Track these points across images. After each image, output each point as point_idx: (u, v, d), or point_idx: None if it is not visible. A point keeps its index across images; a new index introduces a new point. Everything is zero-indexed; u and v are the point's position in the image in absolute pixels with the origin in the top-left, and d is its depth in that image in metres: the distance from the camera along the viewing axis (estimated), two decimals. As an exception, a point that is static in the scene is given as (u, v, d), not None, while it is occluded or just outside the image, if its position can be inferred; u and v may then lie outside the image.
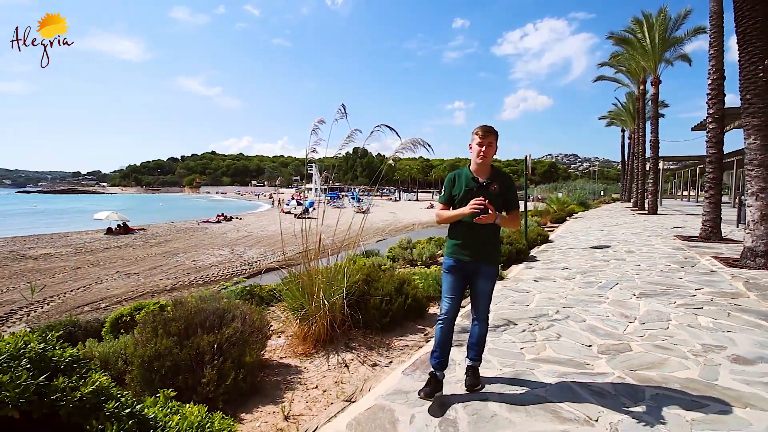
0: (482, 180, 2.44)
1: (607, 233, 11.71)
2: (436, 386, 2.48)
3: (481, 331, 2.56)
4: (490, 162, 2.47)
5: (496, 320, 4.00)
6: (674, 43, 19.86)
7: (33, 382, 1.40)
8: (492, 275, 2.51)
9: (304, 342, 3.87)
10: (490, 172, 2.48)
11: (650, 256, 7.41)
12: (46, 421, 1.42)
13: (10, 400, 1.33)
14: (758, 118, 6.17)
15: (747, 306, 4.16)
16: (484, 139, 2.40)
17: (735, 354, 2.94)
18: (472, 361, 2.62)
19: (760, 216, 6.22)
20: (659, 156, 21.45)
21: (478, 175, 2.46)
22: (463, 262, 2.46)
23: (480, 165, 2.45)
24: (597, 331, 3.55)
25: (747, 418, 2.12)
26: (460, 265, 2.48)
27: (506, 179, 2.51)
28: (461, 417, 2.25)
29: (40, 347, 1.55)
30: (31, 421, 1.40)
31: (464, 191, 2.43)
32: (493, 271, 2.52)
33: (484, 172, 2.47)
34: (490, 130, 2.42)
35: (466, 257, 2.45)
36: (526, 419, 2.20)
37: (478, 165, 2.46)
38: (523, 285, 5.58)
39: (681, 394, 2.40)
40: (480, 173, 2.47)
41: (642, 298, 4.58)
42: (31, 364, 1.48)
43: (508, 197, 2.47)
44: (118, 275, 12.73)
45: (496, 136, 2.45)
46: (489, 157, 2.43)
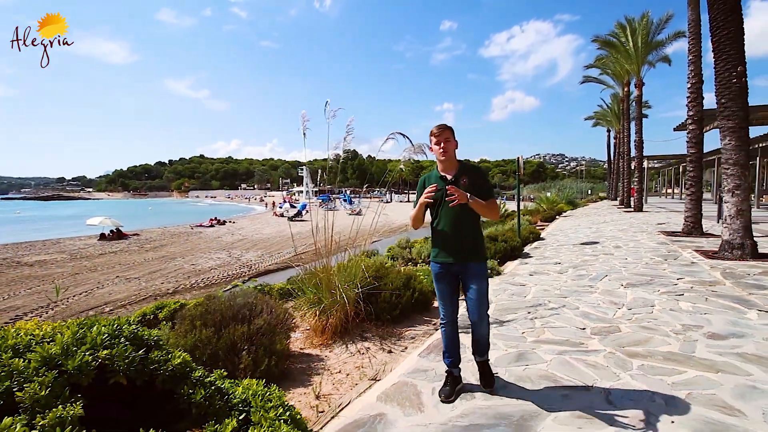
0: (450, 177, 2.44)
1: (595, 230, 12.21)
2: (454, 383, 2.55)
3: (482, 331, 2.53)
4: (453, 157, 2.47)
5: (498, 310, 4.36)
6: (656, 47, 20.59)
7: (136, 355, 1.70)
8: (481, 273, 2.47)
9: (322, 334, 4.18)
10: (457, 168, 2.48)
11: (636, 251, 7.87)
12: (146, 388, 1.72)
13: (120, 368, 1.63)
14: (732, 121, 6.65)
15: (723, 292, 4.59)
16: (440, 136, 2.43)
17: (710, 331, 3.35)
18: (480, 356, 2.62)
19: (736, 211, 6.70)
20: (643, 155, 22.19)
21: (445, 173, 2.47)
22: (448, 265, 2.46)
23: (444, 162, 2.47)
24: (589, 317, 3.93)
25: (718, 380, 2.50)
26: (446, 269, 2.48)
27: (475, 171, 2.52)
28: (475, 386, 2.59)
29: (132, 328, 1.85)
30: (135, 388, 1.69)
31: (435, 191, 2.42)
32: (482, 269, 2.48)
33: (451, 169, 2.47)
34: (443, 127, 2.45)
35: (450, 259, 2.45)
36: (532, 387, 2.55)
37: (442, 163, 2.48)
38: (520, 279, 5.96)
39: (663, 363, 2.78)
40: (447, 171, 2.47)
41: (629, 288, 4.99)
42: (128, 342, 1.77)
43: (480, 188, 2.43)
44: (119, 280, 12.84)
45: (452, 131, 2.47)
46: (451, 152, 2.44)
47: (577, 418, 2.17)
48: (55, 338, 1.60)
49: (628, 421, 2.11)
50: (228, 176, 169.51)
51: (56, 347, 1.52)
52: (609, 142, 42.92)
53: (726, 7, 6.59)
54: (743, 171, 6.65)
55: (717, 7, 6.70)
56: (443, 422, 2.21)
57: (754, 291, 4.54)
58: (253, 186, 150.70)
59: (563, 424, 2.12)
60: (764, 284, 4.85)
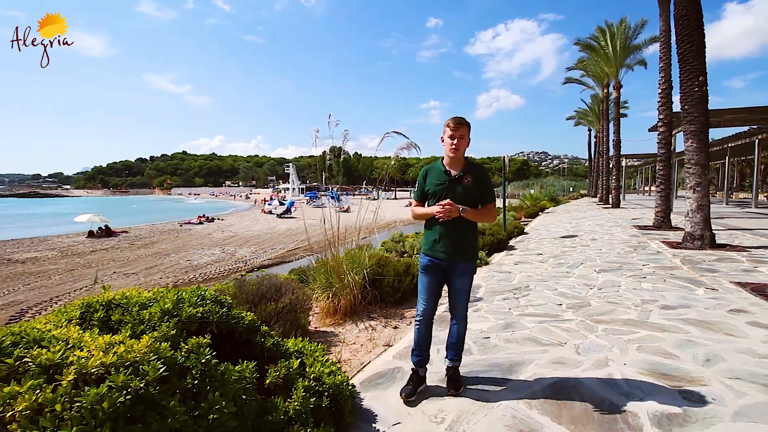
0: (454, 173, 2.38)
1: (575, 225, 13.03)
2: (418, 382, 2.51)
3: (460, 330, 2.51)
4: (462, 155, 2.39)
5: (488, 293, 4.98)
6: (634, 50, 21.64)
7: (222, 312, 2.23)
8: (469, 272, 2.46)
9: (334, 314, 4.73)
10: (463, 165, 2.40)
11: (610, 242, 8.64)
12: (229, 336, 2.24)
13: (213, 321, 2.15)
14: (694, 125, 7.44)
15: (680, 275, 5.32)
16: (456, 131, 2.33)
17: (663, 304, 4.03)
18: (451, 361, 2.54)
19: (697, 206, 7.50)
20: (621, 154, 23.28)
21: (450, 169, 2.40)
22: (438, 260, 2.41)
23: (452, 158, 2.39)
24: (566, 295, 4.58)
25: (663, 337, 3.16)
26: (435, 263, 2.42)
27: (480, 171, 2.42)
28: (472, 347, 3.19)
29: (213, 293, 2.37)
30: (221, 336, 2.22)
31: (435, 185, 2.40)
32: (471, 268, 2.46)
33: (457, 165, 2.40)
34: (461, 122, 2.34)
35: (441, 254, 2.39)
36: (518, 346, 3.16)
37: (450, 158, 2.39)
38: (506, 268, 6.61)
39: (622, 327, 3.43)
40: (453, 166, 2.41)
41: (601, 273, 5.69)
42: (212, 303, 2.29)
43: (483, 190, 2.39)
44: (117, 275, 13.08)
45: (469, 128, 2.38)
46: (461, 150, 2.36)
47: (552, 363, 2.79)
48: (160, 300, 2.13)
49: (591, 364, 2.74)
50: (212, 173, 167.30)
51: (169, 304, 2.05)
52: (590, 141, 44.32)
53: (689, 23, 7.35)
54: (703, 170, 7.44)
55: (682, 23, 7.46)
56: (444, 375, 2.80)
57: (705, 273, 5.29)
58: (238, 183, 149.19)
59: (542, 368, 2.73)
60: (715, 268, 5.60)
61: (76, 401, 1.29)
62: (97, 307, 1.97)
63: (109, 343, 1.55)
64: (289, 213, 37.24)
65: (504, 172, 11.08)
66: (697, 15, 7.25)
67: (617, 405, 2.21)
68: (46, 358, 1.44)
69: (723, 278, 5.02)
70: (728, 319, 3.52)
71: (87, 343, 1.55)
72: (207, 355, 1.71)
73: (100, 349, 1.50)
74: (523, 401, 2.31)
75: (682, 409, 2.12)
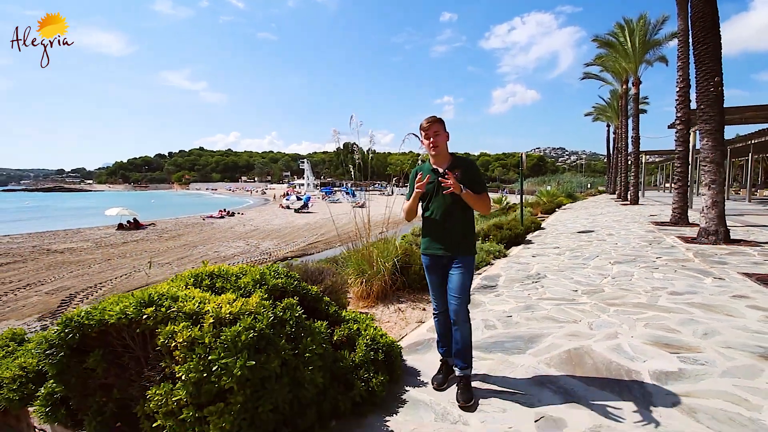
0: (442, 170, 2.43)
1: (592, 221, 13.26)
2: (447, 372, 2.59)
3: (464, 334, 2.41)
4: (444, 150, 2.46)
5: (508, 280, 5.40)
6: (653, 46, 21.47)
7: (296, 283, 2.73)
8: (466, 265, 2.42)
9: (366, 298, 5.22)
10: (449, 161, 2.47)
11: (626, 237, 8.92)
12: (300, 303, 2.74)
13: (290, 289, 2.65)
14: (710, 124, 7.66)
15: (691, 266, 5.64)
16: (429, 129, 2.40)
17: (672, 290, 4.40)
18: (461, 370, 2.43)
19: (712, 202, 7.74)
20: (640, 150, 23.18)
21: (438, 166, 2.47)
22: (437, 257, 2.47)
23: (436, 156, 2.46)
24: (581, 283, 4.98)
25: (669, 317, 3.55)
26: (435, 260, 2.50)
27: (467, 164, 2.49)
28: (496, 323, 3.63)
29: (284, 270, 2.88)
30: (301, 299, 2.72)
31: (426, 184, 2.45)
32: (468, 262, 2.43)
33: (443, 162, 2.46)
34: (432, 120, 2.42)
35: (439, 251, 2.45)
36: (537, 323, 3.59)
37: (434, 157, 2.47)
38: (524, 259, 7.00)
39: (632, 309, 3.83)
40: (439, 164, 2.47)
41: (615, 264, 6.04)
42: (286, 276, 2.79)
43: (472, 181, 2.41)
44: (151, 265, 13.88)
45: (442, 123, 2.44)
46: (442, 146, 2.43)
47: (568, 336, 3.21)
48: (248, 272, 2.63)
49: (602, 337, 3.16)
50: (228, 169, 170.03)
51: (257, 275, 2.56)
52: (608, 137, 43.81)
53: (705, 25, 7.56)
54: (718, 168, 7.67)
55: (698, 25, 7.67)
56: (477, 341, 3.25)
57: (715, 265, 5.60)
58: (254, 179, 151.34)
59: (559, 339, 3.16)
60: (726, 261, 5.90)
61: (221, 335, 1.79)
62: (203, 276, 2.48)
63: (228, 300, 2.06)
64: (306, 208, 38.03)
65: (521, 170, 11.40)
66: (713, 17, 7.46)
67: (623, 365, 2.63)
68: (189, 308, 1.95)
69: (731, 269, 5.33)
70: (730, 303, 3.88)
71: (212, 300, 2.06)
72: (298, 311, 2.20)
73: (224, 303, 2.01)
74: (543, 362, 2.75)
75: (678, 369, 2.54)
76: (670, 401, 2.20)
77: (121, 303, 2.00)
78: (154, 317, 1.90)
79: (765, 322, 3.36)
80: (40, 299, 10.07)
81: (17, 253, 16.57)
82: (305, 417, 1.98)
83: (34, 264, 14.66)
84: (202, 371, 1.70)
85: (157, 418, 1.87)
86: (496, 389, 2.45)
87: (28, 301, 9.98)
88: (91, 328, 2.02)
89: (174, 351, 1.81)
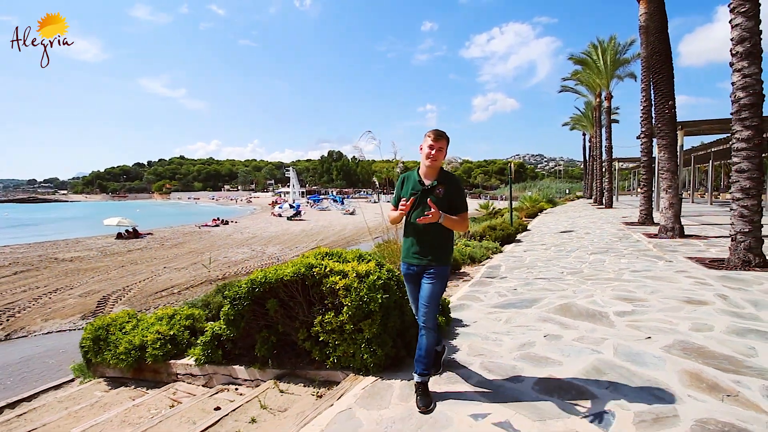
0: (427, 183, 2.47)
1: (571, 223, 14.87)
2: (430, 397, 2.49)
3: (429, 341, 2.44)
4: (438, 165, 2.47)
5: (508, 269, 6.75)
6: (623, 64, 23.65)
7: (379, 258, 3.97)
8: (439, 275, 2.45)
9: (396, 283, 6.46)
10: (437, 175, 2.48)
11: (600, 235, 10.47)
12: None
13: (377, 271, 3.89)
14: (665, 140, 9.28)
15: (650, 254, 7.14)
16: (436, 143, 2.41)
17: (633, 269, 5.84)
18: (420, 376, 2.45)
19: (669, 204, 9.34)
20: (613, 158, 25.23)
21: (425, 178, 2.49)
22: (412, 266, 2.54)
23: (428, 168, 2.46)
24: (566, 267, 6.38)
25: (629, 286, 4.95)
26: (411, 270, 2.57)
27: (453, 182, 2.50)
28: (507, 294, 4.95)
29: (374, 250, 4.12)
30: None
31: (410, 194, 2.49)
32: (441, 272, 2.47)
33: (431, 175, 2.48)
34: (442, 135, 2.44)
35: (415, 259, 2.51)
36: (536, 292, 4.93)
37: (426, 168, 2.47)
38: (517, 254, 8.39)
39: (603, 282, 5.23)
40: (427, 176, 2.49)
41: (592, 255, 7.49)
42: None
43: (454, 200, 2.46)
44: (167, 270, 14.74)
45: (447, 141, 2.46)
46: (438, 161, 2.44)
47: (559, 297, 4.57)
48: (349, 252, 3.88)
49: (582, 297, 4.52)
50: (210, 177, 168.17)
51: (358, 253, 3.80)
52: (585, 145, 46.26)
53: (661, 58, 9.21)
54: (673, 176, 9.29)
55: (655, 57, 9.32)
56: (495, 305, 4.54)
57: (668, 253, 7.12)
58: (237, 187, 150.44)
59: (553, 300, 4.50)
60: (677, 250, 7.43)
61: (364, 282, 3.04)
62: (323, 254, 3.72)
63: (355, 265, 3.30)
64: (299, 216, 38.93)
65: (510, 178, 12.91)
66: (666, 52, 9.11)
67: (597, 310, 3.99)
68: (338, 268, 3.19)
69: (680, 255, 6.84)
70: (673, 275, 5.34)
71: (347, 265, 3.30)
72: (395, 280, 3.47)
73: (355, 266, 3.25)
74: (544, 311, 4.09)
75: (631, 309, 3.92)
76: (624, 324, 3.56)
77: (290, 268, 3.23)
78: (319, 273, 3.14)
79: (694, 284, 4.80)
80: (76, 301, 10.91)
81: (27, 263, 17.09)
82: (408, 332, 3.23)
83: (49, 272, 15.29)
84: (359, 301, 2.94)
85: (321, 335, 3.10)
86: (516, 325, 3.76)
87: (66, 303, 10.81)
88: (270, 284, 3.26)
89: (339, 291, 3.04)
